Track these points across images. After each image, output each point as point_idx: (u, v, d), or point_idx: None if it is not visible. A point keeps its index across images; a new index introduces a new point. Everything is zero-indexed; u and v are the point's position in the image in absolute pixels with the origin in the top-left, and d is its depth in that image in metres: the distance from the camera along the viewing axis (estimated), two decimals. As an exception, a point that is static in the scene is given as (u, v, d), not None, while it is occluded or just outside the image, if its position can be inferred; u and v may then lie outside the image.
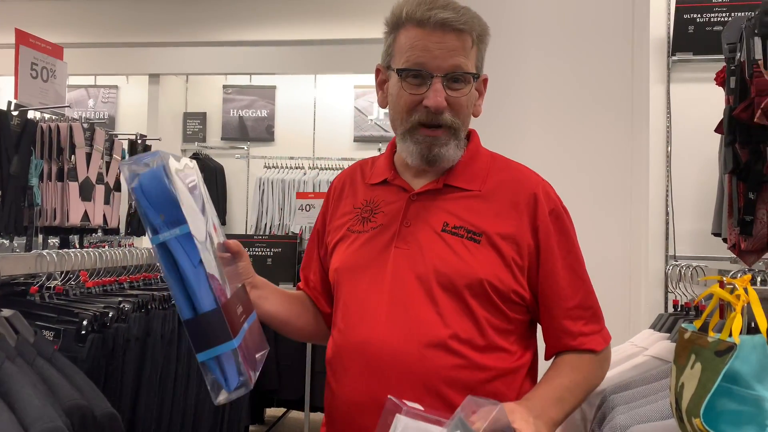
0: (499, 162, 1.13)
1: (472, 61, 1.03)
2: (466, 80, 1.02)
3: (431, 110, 1.00)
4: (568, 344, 1.06)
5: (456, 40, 0.99)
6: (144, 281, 2.11)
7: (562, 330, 1.06)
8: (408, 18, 1.00)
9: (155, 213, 0.82)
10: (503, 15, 2.25)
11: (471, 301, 1.00)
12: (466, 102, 1.04)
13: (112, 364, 1.60)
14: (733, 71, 1.46)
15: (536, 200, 1.06)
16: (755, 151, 1.41)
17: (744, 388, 0.82)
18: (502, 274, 1.02)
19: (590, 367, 1.07)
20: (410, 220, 1.06)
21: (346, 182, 1.18)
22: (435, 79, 0.99)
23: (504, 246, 1.03)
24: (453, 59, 0.99)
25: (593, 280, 2.16)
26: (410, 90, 1.01)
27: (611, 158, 2.16)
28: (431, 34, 0.99)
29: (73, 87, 5.99)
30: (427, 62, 0.99)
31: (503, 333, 1.03)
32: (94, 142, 2.33)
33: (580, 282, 1.08)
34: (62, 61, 2.38)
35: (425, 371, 0.98)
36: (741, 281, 0.91)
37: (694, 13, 2.90)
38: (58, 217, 2.22)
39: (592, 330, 1.07)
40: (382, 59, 1.08)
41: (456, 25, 0.99)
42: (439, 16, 0.98)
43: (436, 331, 0.99)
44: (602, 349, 1.08)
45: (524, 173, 1.12)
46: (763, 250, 1.47)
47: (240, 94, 5.91)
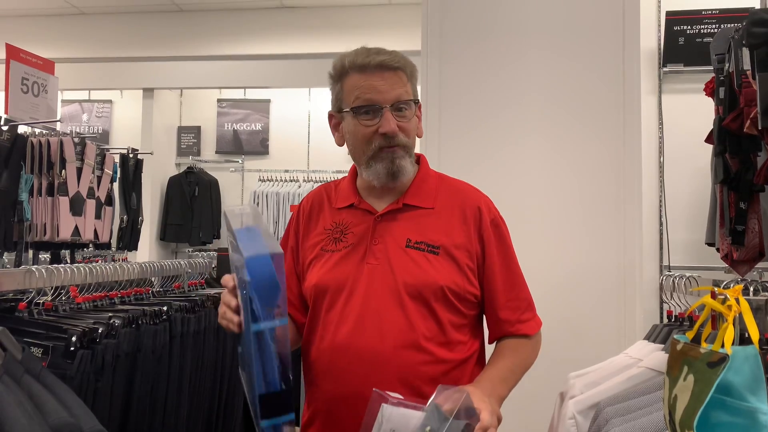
0: (445, 181, 1.33)
1: (410, 91, 1.22)
2: (409, 107, 1.21)
3: (388, 135, 1.18)
4: (507, 330, 1.27)
5: (394, 76, 1.19)
6: (135, 296, 2.09)
7: (501, 319, 1.26)
8: (351, 66, 1.20)
9: (261, 304, 0.90)
10: (496, 30, 2.27)
11: (435, 305, 1.19)
12: (413, 125, 1.23)
13: (101, 381, 1.58)
14: (722, 82, 1.46)
15: (480, 212, 1.26)
16: (745, 161, 1.41)
17: (737, 399, 0.81)
18: (458, 279, 1.21)
19: (526, 349, 1.28)
20: (378, 238, 1.23)
21: (314, 205, 1.34)
22: (385, 110, 1.18)
23: (458, 254, 1.22)
24: (395, 91, 1.19)
25: (588, 291, 2.16)
26: (365, 123, 1.19)
27: (604, 169, 2.17)
28: (373, 75, 1.18)
29: (67, 102, 5.98)
30: (375, 97, 1.18)
31: (459, 327, 1.23)
32: (85, 156, 2.31)
33: (514, 278, 1.29)
34: (54, 75, 2.37)
35: (399, 367, 1.16)
36: (732, 291, 0.90)
37: (684, 24, 2.93)
38: (48, 232, 2.20)
39: (526, 318, 1.28)
40: (332, 106, 1.27)
41: (392, 65, 1.19)
42: (377, 59, 1.18)
43: (406, 334, 1.18)
44: (535, 333, 1.29)
45: (468, 190, 1.32)
46: (756, 259, 1.47)
47: (234, 108, 5.92)
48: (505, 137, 2.24)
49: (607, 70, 2.20)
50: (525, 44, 2.25)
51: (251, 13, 4.92)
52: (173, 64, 5.26)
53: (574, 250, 2.18)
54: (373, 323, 1.18)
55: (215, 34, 4.92)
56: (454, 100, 2.28)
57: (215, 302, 2.25)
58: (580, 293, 2.16)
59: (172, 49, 4.99)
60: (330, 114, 1.28)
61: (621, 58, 2.18)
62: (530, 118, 2.23)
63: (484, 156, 2.24)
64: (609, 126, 2.18)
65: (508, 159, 2.22)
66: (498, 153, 2.24)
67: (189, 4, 4.88)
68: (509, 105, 2.24)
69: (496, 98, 2.25)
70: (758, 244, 1.41)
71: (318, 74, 5.15)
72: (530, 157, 2.22)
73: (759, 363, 0.82)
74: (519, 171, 2.21)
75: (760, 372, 0.82)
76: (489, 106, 2.26)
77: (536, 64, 2.24)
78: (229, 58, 5.02)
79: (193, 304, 2.10)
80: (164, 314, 1.89)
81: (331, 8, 4.82)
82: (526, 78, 2.24)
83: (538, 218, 2.19)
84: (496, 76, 2.26)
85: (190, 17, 4.98)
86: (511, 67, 2.25)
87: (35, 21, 5.07)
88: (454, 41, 2.29)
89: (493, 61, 2.26)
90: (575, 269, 2.17)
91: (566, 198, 2.19)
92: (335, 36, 4.78)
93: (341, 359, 1.18)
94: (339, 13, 4.79)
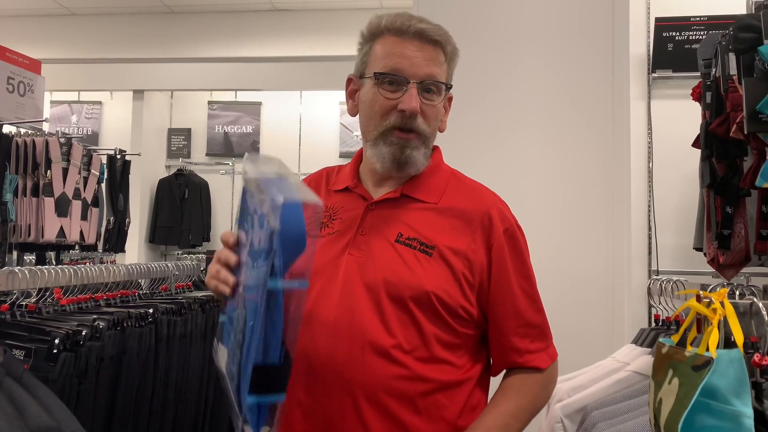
0: (457, 178, 1.16)
1: (445, 73, 1.08)
2: (438, 90, 1.07)
3: (406, 114, 1.03)
4: (515, 361, 1.09)
5: (432, 50, 1.05)
6: (121, 298, 2.07)
7: (509, 347, 1.08)
8: (387, 28, 1.05)
9: (284, 260, 0.76)
10: (486, 36, 2.27)
11: (417, 312, 1.02)
12: (436, 113, 1.08)
13: (84, 384, 1.56)
14: (709, 86, 1.47)
15: (490, 219, 1.08)
16: (732, 166, 1.42)
17: (722, 403, 0.81)
18: (450, 288, 1.04)
19: (536, 389, 1.09)
20: (366, 228, 1.08)
21: (311, 186, 1.18)
22: (411, 84, 1.03)
23: (455, 261, 1.04)
24: (429, 68, 1.04)
25: (576, 296, 2.16)
26: (386, 95, 1.04)
27: (593, 174, 2.17)
28: (409, 43, 1.03)
29: (56, 103, 5.94)
30: (405, 68, 1.03)
31: (450, 347, 1.04)
32: (71, 156, 2.29)
33: (530, 301, 1.10)
34: (40, 75, 2.35)
35: (366, 379, 0.99)
36: (717, 295, 0.90)
37: (673, 31, 2.94)
38: (33, 233, 2.17)
39: (538, 348, 1.10)
40: (355, 69, 1.11)
41: (433, 36, 1.04)
42: (417, 26, 1.03)
43: (379, 340, 1.00)
44: (548, 366, 1.10)
45: (481, 192, 1.14)
46: (742, 263, 1.47)
47: (225, 110, 5.90)
48: (494, 143, 2.24)
49: (597, 75, 2.21)
50: (514, 51, 2.25)
51: (242, 16, 4.91)
52: (164, 65, 5.23)
53: (562, 255, 2.18)
54: (343, 323, 1.01)
55: (206, 36, 4.91)
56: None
57: (202, 305, 2.23)
58: (568, 297, 2.16)
59: (163, 50, 4.98)
60: (349, 78, 1.12)
61: (610, 63, 2.19)
62: (519, 124, 2.24)
63: (473, 161, 2.24)
64: (598, 131, 2.19)
65: (496, 164, 2.23)
66: (486, 159, 2.24)
67: (180, 5, 4.87)
68: (498, 111, 2.25)
69: (484, 104, 2.26)
70: (744, 248, 1.42)
71: (309, 77, 5.18)
72: (519, 162, 2.22)
73: (743, 366, 0.82)
74: (508, 176, 2.21)
75: (745, 375, 0.82)
76: (477, 113, 2.26)
77: (525, 71, 2.24)
78: (221, 60, 5.01)
79: (180, 307, 2.08)
80: (150, 317, 1.87)
81: (323, 11, 4.82)
82: (515, 84, 2.24)
83: (527, 222, 2.17)
84: (485, 82, 2.26)
85: (181, 19, 4.96)
86: (500, 74, 2.25)
87: (25, 21, 5.04)
88: (445, 45, 2.29)
89: (482, 67, 2.26)
90: (564, 273, 2.18)
91: (555, 202, 2.20)
92: (326, 39, 4.78)
93: (301, 364, 0.99)
94: (330, 16, 4.79)
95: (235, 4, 4.80)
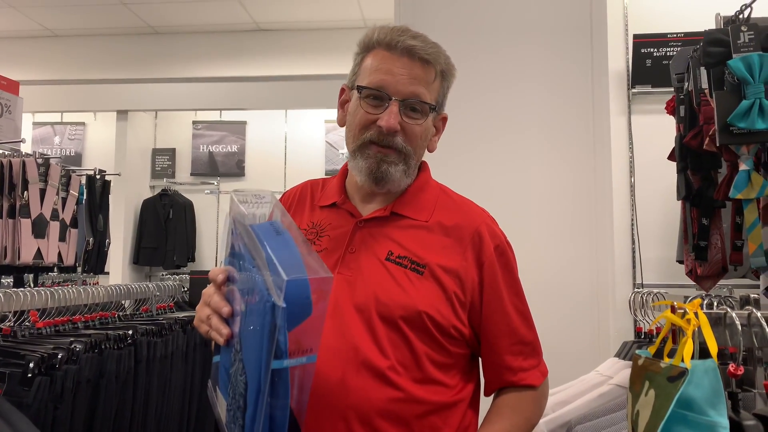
0: (447, 195, 1.14)
1: (434, 94, 1.05)
2: (423, 110, 1.04)
3: (383, 131, 1.01)
4: (509, 380, 1.07)
5: (420, 69, 1.02)
6: (100, 320, 2.04)
7: (503, 366, 1.06)
8: (378, 41, 1.04)
9: (286, 336, 0.70)
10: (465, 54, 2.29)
11: (409, 332, 0.99)
12: (420, 132, 1.05)
13: (60, 409, 1.53)
14: (682, 100, 1.49)
15: (480, 237, 1.06)
16: (706, 178, 1.43)
17: (698, 414, 0.81)
18: (443, 308, 1.01)
19: (530, 406, 1.08)
20: (355, 246, 1.05)
21: (295, 200, 1.15)
22: (392, 102, 1.01)
23: (447, 280, 1.02)
24: (413, 87, 1.02)
25: (560, 310, 2.16)
26: (367, 109, 1.03)
27: (576, 190, 2.19)
28: (397, 59, 1.02)
29: (39, 124, 5.90)
30: (388, 85, 1.01)
31: (443, 367, 1.02)
32: (49, 177, 2.27)
33: (522, 318, 1.09)
34: (18, 96, 2.33)
35: (360, 402, 0.95)
36: (691, 305, 0.91)
37: (650, 47, 3.00)
38: (9, 255, 2.14)
39: (531, 365, 1.08)
40: (348, 79, 1.10)
41: (422, 54, 1.02)
42: (407, 42, 1.01)
43: (373, 362, 0.97)
44: (540, 383, 1.09)
45: (470, 208, 1.12)
46: (719, 275, 1.48)
47: (210, 130, 5.89)
48: (476, 160, 2.25)
49: (577, 91, 2.23)
50: (492, 69, 2.28)
51: (227, 36, 4.94)
52: (148, 86, 5.22)
53: (547, 270, 2.18)
54: (334, 345, 0.96)
55: (190, 56, 4.92)
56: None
57: (183, 326, 2.20)
58: (553, 312, 2.16)
59: (147, 70, 4.97)
60: (342, 87, 1.12)
61: (590, 80, 2.22)
62: (501, 141, 2.25)
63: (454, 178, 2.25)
64: (580, 147, 2.21)
65: (478, 181, 2.23)
66: (469, 175, 2.25)
67: (164, 26, 4.88)
68: (478, 129, 2.26)
69: (463, 123, 2.27)
70: (721, 259, 1.43)
71: (294, 96, 5.19)
72: (501, 179, 2.23)
73: (718, 376, 0.82)
74: (490, 192, 2.22)
75: (720, 386, 0.82)
76: (456, 131, 2.27)
77: (504, 89, 2.26)
78: (205, 80, 5.01)
79: (161, 328, 2.05)
80: (129, 338, 1.84)
81: (307, 31, 4.85)
82: (494, 103, 2.26)
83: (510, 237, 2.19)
84: (464, 101, 2.28)
85: (165, 39, 4.97)
86: (479, 92, 2.27)
87: (6, 43, 5.02)
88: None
89: (461, 86, 2.27)
90: (549, 288, 2.18)
91: (539, 218, 2.21)
92: (311, 58, 4.81)
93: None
94: (314, 35, 4.82)
95: (219, 24, 4.82)
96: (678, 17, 3.01)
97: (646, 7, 3.08)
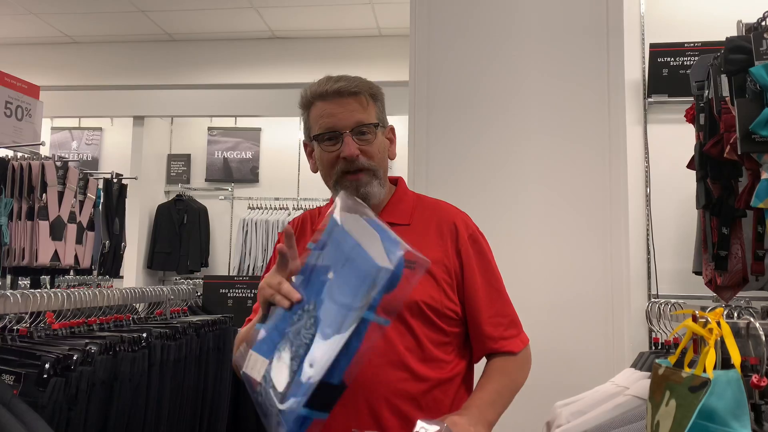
0: (423, 200, 1.35)
1: (372, 114, 1.24)
2: (370, 131, 1.23)
3: (347, 159, 1.20)
4: (491, 347, 1.26)
5: (353, 102, 1.22)
6: (115, 323, 2.05)
7: (484, 335, 1.25)
8: (313, 96, 1.24)
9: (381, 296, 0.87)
10: (483, 64, 2.29)
11: (411, 320, 1.18)
12: (376, 148, 1.24)
13: (74, 410, 1.53)
14: (702, 108, 1.48)
15: (456, 228, 1.27)
16: (727, 186, 1.41)
17: (720, 425, 0.79)
18: (435, 294, 1.21)
19: (514, 369, 1.27)
20: None
21: (299, 228, 1.36)
22: (345, 135, 1.20)
23: (435, 270, 1.21)
24: (354, 116, 1.21)
25: (575, 320, 2.14)
26: (328, 149, 1.22)
27: (591, 200, 2.17)
28: (332, 103, 1.21)
29: (57, 129, 5.98)
30: (335, 124, 1.21)
31: (441, 345, 1.21)
32: (67, 180, 2.29)
33: (496, 294, 1.28)
34: (38, 100, 2.36)
35: (379, 386, 1.15)
36: (713, 315, 0.89)
37: (667, 56, 2.98)
38: (27, 257, 2.16)
39: (511, 334, 1.27)
40: (304, 135, 1.30)
41: (349, 89, 1.21)
42: (334, 86, 1.21)
43: (385, 353, 1.15)
44: (520, 350, 1.27)
45: (444, 207, 1.33)
46: (739, 285, 1.46)
47: (225, 136, 5.93)
48: (489, 169, 2.24)
49: (593, 101, 2.21)
50: (509, 79, 2.27)
51: (243, 43, 4.98)
52: (164, 92, 5.28)
53: (562, 279, 2.16)
54: None
55: (206, 63, 4.96)
56: (440, 130, 2.29)
57: (197, 330, 2.21)
58: (568, 322, 2.14)
59: (164, 77, 5.03)
60: (304, 143, 1.32)
61: (606, 89, 2.20)
62: (516, 150, 2.24)
63: (470, 187, 2.24)
64: (595, 157, 2.19)
65: (494, 190, 2.22)
66: (485, 184, 2.24)
67: (180, 33, 4.93)
68: (495, 138, 2.25)
69: (482, 130, 2.26)
70: (741, 269, 1.40)
71: (308, 103, 5.22)
72: (517, 189, 2.21)
73: (741, 387, 0.80)
74: (506, 202, 2.20)
75: (743, 397, 0.80)
76: (475, 138, 2.27)
77: (521, 100, 2.25)
78: (221, 87, 5.06)
79: (174, 331, 2.05)
80: (143, 341, 1.84)
81: (322, 39, 4.88)
82: (511, 113, 2.25)
83: (526, 247, 2.18)
84: (482, 109, 2.27)
85: (182, 46, 5.02)
86: (496, 102, 2.27)
87: (28, 49, 5.10)
88: (441, 72, 2.31)
89: (479, 94, 2.28)
90: (564, 298, 2.16)
91: (554, 228, 2.19)
92: (325, 66, 4.83)
93: None
94: (329, 43, 4.85)
95: (234, 31, 4.87)
96: (695, 26, 2.98)
97: (663, 16, 3.07)
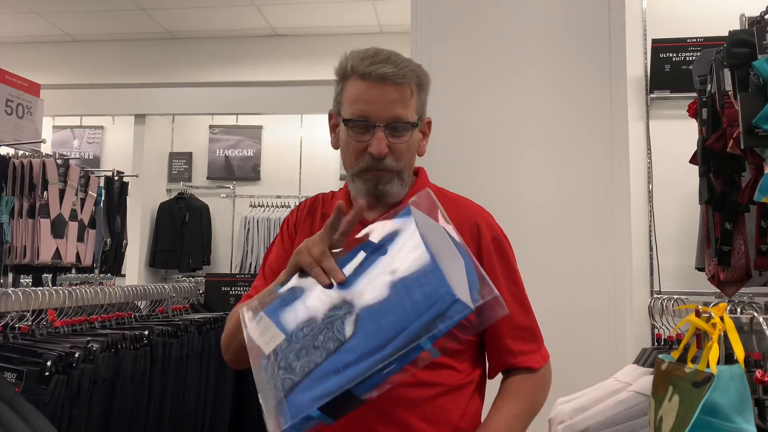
0: (444, 195, 1.21)
1: (412, 110, 1.12)
2: (405, 128, 1.11)
3: (375, 156, 1.09)
4: (510, 362, 1.14)
5: (395, 92, 1.09)
6: (117, 320, 2.05)
7: (504, 349, 1.13)
8: (353, 71, 1.10)
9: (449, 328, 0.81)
10: (484, 62, 2.28)
11: None
12: (407, 147, 1.13)
13: (76, 408, 1.53)
14: (705, 102, 1.47)
15: (479, 229, 1.15)
16: (730, 181, 1.40)
17: (724, 420, 0.79)
18: None
19: (534, 389, 1.14)
20: None
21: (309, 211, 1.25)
22: (377, 128, 1.08)
23: None
24: (393, 110, 1.09)
25: (577, 317, 2.13)
26: (356, 138, 1.10)
27: (593, 196, 2.16)
28: (373, 87, 1.08)
29: (58, 128, 5.98)
30: (370, 114, 1.08)
31: (453, 353, 1.08)
32: (68, 178, 2.29)
33: (519, 304, 1.16)
34: (39, 98, 2.36)
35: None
36: (717, 310, 0.88)
37: (669, 52, 2.97)
38: (28, 255, 2.16)
39: (530, 349, 1.15)
40: (333, 105, 1.17)
41: (395, 79, 1.08)
42: (379, 71, 1.07)
43: None
44: (540, 366, 1.15)
45: (467, 205, 1.21)
46: (742, 280, 1.45)
47: (226, 134, 5.93)
48: (490, 166, 2.23)
49: (595, 97, 2.20)
50: (510, 75, 2.26)
51: (243, 41, 4.97)
52: (165, 90, 5.28)
53: (564, 276, 2.15)
54: None
55: (207, 61, 4.96)
56: (440, 129, 2.29)
57: (199, 327, 2.21)
58: (570, 318, 2.13)
59: (165, 75, 5.02)
60: (330, 113, 1.19)
61: (608, 85, 2.19)
62: (518, 146, 2.23)
63: (472, 183, 2.23)
64: (597, 152, 2.18)
65: (496, 186, 2.22)
66: (487, 180, 2.23)
67: (181, 31, 4.93)
68: (497, 134, 2.25)
69: (479, 127, 2.26)
70: (744, 264, 1.40)
71: (309, 101, 5.20)
72: (518, 184, 2.21)
73: (745, 383, 0.80)
74: (507, 199, 2.20)
75: (747, 392, 0.80)
76: (475, 134, 2.26)
77: (522, 94, 2.25)
78: (222, 85, 5.05)
79: (176, 329, 2.06)
80: (145, 339, 1.85)
81: (323, 36, 4.87)
82: (512, 108, 2.24)
83: (527, 244, 2.17)
84: (483, 107, 2.26)
85: (182, 44, 5.02)
86: (498, 98, 2.26)
87: (29, 48, 5.10)
88: (443, 70, 2.30)
89: (480, 91, 2.27)
90: (565, 295, 2.15)
91: (555, 224, 2.18)
92: (327, 63, 4.77)
93: None
94: (330, 41, 4.84)
95: (235, 29, 4.86)
96: (697, 21, 2.97)
97: (665, 12, 3.05)
